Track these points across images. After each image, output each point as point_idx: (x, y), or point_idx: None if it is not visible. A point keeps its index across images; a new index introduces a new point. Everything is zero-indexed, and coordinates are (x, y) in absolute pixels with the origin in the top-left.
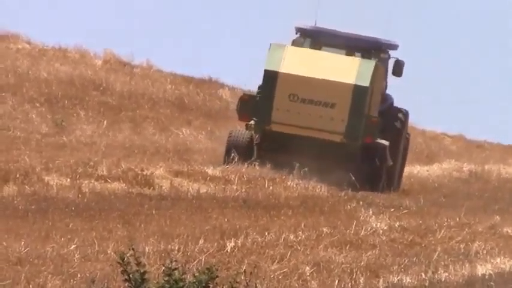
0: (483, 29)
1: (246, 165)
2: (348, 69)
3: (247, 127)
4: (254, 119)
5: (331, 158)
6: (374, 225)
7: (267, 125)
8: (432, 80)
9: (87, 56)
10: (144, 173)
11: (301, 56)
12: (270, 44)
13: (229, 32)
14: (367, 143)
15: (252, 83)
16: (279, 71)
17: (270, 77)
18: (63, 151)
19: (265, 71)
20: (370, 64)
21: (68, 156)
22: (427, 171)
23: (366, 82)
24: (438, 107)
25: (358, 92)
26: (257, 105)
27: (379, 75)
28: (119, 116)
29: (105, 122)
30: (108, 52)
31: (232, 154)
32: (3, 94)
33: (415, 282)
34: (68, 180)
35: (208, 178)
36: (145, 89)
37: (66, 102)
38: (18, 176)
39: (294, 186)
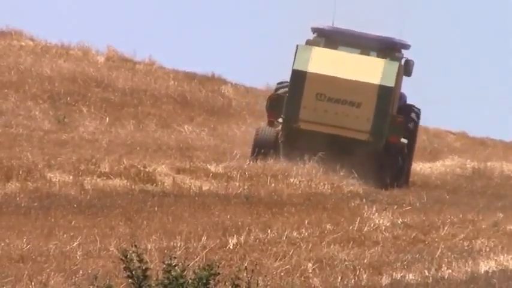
0: (485, 27)
1: (248, 162)
2: (373, 70)
3: (270, 124)
4: (282, 116)
5: (355, 156)
6: (377, 222)
7: (295, 123)
8: (436, 77)
9: (89, 53)
10: (147, 169)
11: (328, 57)
12: (297, 45)
13: (233, 28)
14: (391, 142)
15: (256, 80)
16: (307, 71)
17: (298, 77)
18: (65, 148)
19: (294, 70)
20: (394, 65)
21: (70, 153)
22: (430, 168)
23: (391, 82)
24: (442, 104)
25: (383, 92)
26: (285, 103)
27: (399, 75)
28: (121, 112)
29: (107, 118)
30: (111, 49)
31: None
32: (6, 91)
33: (418, 279)
34: (71, 177)
35: (210, 175)
36: (148, 85)
37: (68, 99)
38: (20, 172)
39: (297, 183)
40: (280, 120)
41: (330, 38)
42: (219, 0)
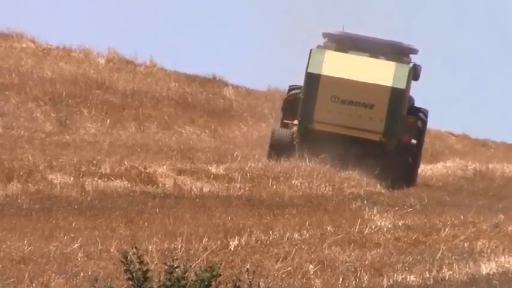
0: (487, 28)
1: (248, 163)
2: (385, 73)
3: (284, 125)
4: (298, 118)
5: (368, 156)
6: (378, 223)
7: (310, 124)
8: (437, 79)
9: (90, 55)
10: (147, 171)
11: (341, 60)
12: (311, 49)
13: (234, 30)
14: (404, 142)
15: (257, 82)
16: (321, 73)
17: (313, 79)
18: (66, 150)
19: (308, 73)
20: (405, 68)
21: (71, 155)
22: (431, 169)
23: (402, 85)
24: (443, 106)
25: (395, 94)
26: (300, 105)
27: (409, 78)
28: (122, 114)
29: (108, 120)
30: (112, 51)
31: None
32: (7, 93)
33: (419, 281)
34: (72, 178)
35: (211, 176)
36: (149, 87)
37: (69, 101)
38: (22, 174)
39: (298, 184)
40: (295, 122)
41: (340, 42)
42: (220, 2)
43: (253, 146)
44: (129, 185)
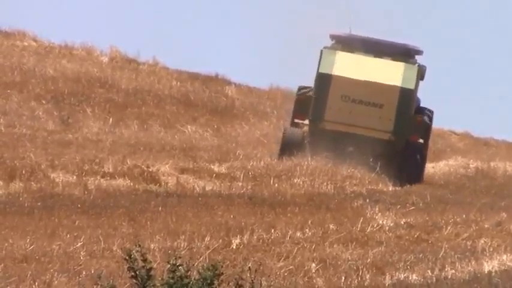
0: (489, 27)
1: (251, 162)
2: (394, 73)
3: (294, 125)
4: (309, 117)
5: (377, 154)
6: (380, 222)
7: (321, 123)
8: (439, 77)
9: (93, 53)
10: (150, 170)
11: (351, 61)
12: (321, 50)
13: (236, 28)
14: (412, 141)
15: (259, 81)
16: (332, 73)
17: (324, 80)
18: (69, 148)
19: (319, 73)
20: (414, 69)
21: (73, 153)
22: (433, 168)
23: (411, 85)
24: (445, 104)
25: (404, 93)
26: (312, 105)
27: (417, 78)
28: (125, 113)
29: (111, 119)
30: (114, 49)
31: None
32: (10, 91)
33: (421, 279)
34: (74, 177)
35: (214, 175)
36: (151, 86)
37: (72, 99)
38: (24, 172)
39: (301, 183)
40: (306, 121)
41: (347, 44)
42: (223, 1)
43: (256, 144)
44: (131, 184)
